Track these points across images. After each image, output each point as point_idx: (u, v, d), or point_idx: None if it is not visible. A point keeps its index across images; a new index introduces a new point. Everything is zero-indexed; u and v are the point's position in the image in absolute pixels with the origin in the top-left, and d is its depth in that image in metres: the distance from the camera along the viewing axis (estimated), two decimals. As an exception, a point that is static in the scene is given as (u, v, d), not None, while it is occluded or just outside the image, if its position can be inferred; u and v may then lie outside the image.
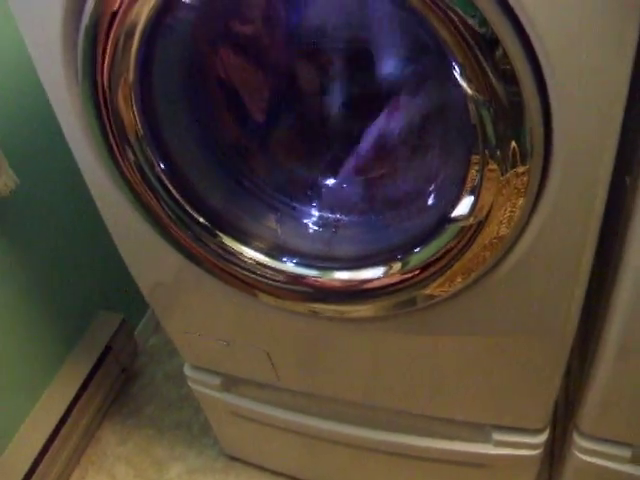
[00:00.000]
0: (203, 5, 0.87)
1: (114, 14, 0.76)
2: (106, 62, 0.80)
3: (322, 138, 1.00)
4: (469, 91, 0.68)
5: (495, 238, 0.80)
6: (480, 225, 0.79)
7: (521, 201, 0.76)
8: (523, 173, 0.73)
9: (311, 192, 1.02)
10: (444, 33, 0.66)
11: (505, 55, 0.65)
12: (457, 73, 0.68)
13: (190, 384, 1.44)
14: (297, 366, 1.22)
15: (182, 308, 1.22)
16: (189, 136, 0.97)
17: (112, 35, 0.77)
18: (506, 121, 0.70)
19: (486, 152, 0.73)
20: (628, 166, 0.80)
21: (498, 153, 0.72)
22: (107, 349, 1.76)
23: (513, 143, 0.71)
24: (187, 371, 1.42)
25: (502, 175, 0.74)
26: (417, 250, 0.87)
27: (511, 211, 0.77)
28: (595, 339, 1.01)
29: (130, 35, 0.77)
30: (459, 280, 0.87)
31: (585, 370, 1.08)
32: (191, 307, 1.20)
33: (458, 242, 0.82)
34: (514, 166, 0.73)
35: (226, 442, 1.63)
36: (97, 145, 0.91)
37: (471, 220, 0.78)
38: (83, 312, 1.78)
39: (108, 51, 0.79)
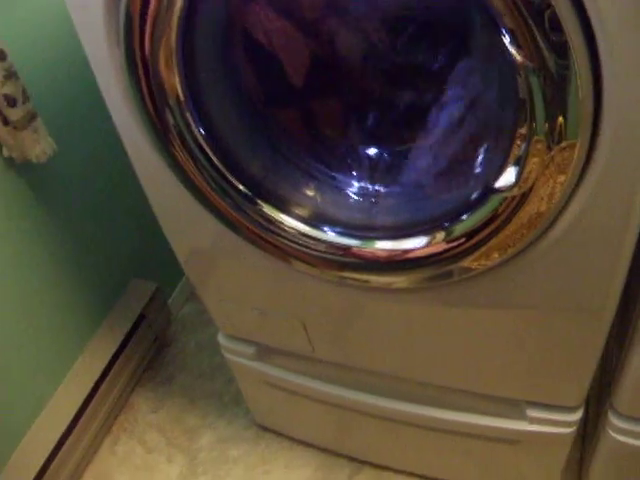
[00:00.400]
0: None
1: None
2: (148, 22, 0.79)
3: (363, 106, 0.99)
4: (518, 58, 0.66)
5: (536, 214, 0.79)
6: (523, 198, 0.78)
7: (564, 177, 0.74)
8: (568, 148, 0.71)
9: (351, 161, 1.01)
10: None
11: (557, 21, 0.63)
12: (507, 40, 0.66)
13: (224, 353, 1.45)
14: (332, 337, 1.22)
15: (218, 276, 1.22)
16: (229, 102, 0.96)
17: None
18: (555, 92, 0.68)
19: (533, 125, 0.71)
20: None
21: (546, 126, 0.71)
22: (141, 317, 1.77)
23: (561, 117, 0.69)
24: (221, 340, 1.42)
25: (548, 149, 0.72)
26: (464, 218, 0.86)
27: (553, 187, 0.75)
28: (635, 319, 1.00)
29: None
30: (496, 255, 0.86)
31: (623, 350, 1.06)
32: (228, 275, 1.20)
33: (501, 213, 0.81)
34: (560, 141, 0.71)
35: (258, 412, 1.64)
36: (137, 108, 0.90)
37: (515, 191, 0.77)
38: (117, 280, 1.80)
39: (151, 11, 0.78)
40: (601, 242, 0.83)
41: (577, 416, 1.14)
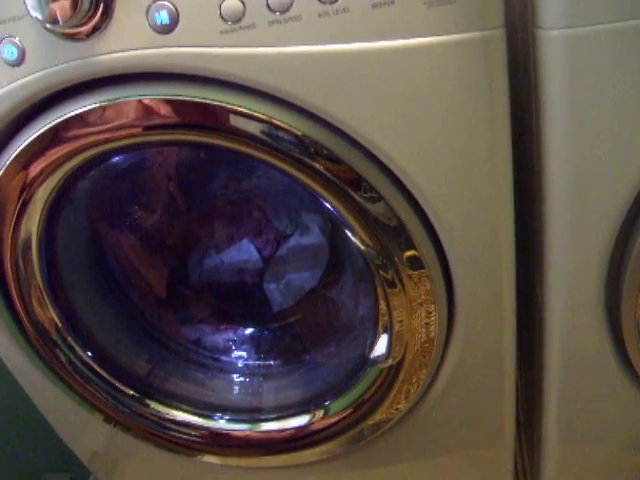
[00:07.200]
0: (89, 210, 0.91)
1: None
2: (13, 288, 0.82)
3: (235, 293, 1.01)
4: (363, 248, 0.71)
5: (413, 378, 0.82)
6: (399, 365, 0.80)
7: (433, 332, 0.77)
8: (427, 301, 0.76)
9: (233, 343, 1.03)
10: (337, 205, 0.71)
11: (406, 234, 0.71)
12: (350, 234, 0.72)
13: None
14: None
15: (125, 473, 1.19)
16: (108, 313, 0.99)
17: (10, 255, 0.79)
18: (399, 258, 0.73)
19: (384, 285, 0.76)
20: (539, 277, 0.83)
21: (397, 283, 0.75)
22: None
23: (408, 271, 0.74)
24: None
25: (410, 302, 0.76)
26: (328, 403, 0.89)
27: (425, 342, 0.79)
28: (537, 438, 1.02)
29: (27, 248, 0.79)
30: (399, 406, 0.87)
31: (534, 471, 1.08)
32: (134, 472, 1.18)
33: (382, 382, 0.83)
34: (417, 291, 0.76)
35: None
36: (22, 348, 0.91)
37: (390, 361, 0.79)
38: (28, 477, 1.72)
39: (10, 273, 0.81)
40: (487, 365, 0.85)
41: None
